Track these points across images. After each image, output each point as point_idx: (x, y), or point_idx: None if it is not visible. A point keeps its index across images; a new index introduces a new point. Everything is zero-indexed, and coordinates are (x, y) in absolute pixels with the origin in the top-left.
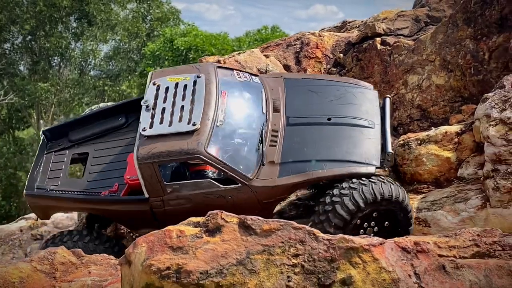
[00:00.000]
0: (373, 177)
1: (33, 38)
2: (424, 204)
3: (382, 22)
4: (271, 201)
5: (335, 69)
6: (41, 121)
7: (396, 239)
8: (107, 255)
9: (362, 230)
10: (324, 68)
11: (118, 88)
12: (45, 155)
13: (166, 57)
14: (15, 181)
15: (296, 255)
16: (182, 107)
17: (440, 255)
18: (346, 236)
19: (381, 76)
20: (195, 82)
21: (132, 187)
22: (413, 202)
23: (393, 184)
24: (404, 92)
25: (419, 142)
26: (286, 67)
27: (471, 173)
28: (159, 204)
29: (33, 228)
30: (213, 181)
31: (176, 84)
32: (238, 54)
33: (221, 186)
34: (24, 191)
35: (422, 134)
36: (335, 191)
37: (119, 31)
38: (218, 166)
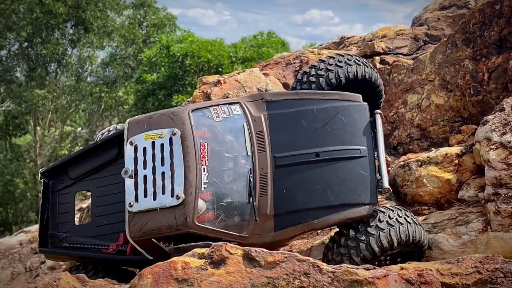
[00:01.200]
0: (405, 216)
1: (30, 45)
2: (425, 226)
3: (381, 41)
4: None
5: None
6: (38, 128)
7: (400, 270)
8: (110, 279)
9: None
10: None
11: (115, 94)
12: (50, 196)
13: (163, 63)
14: (12, 188)
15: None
16: (163, 174)
17: (443, 283)
18: (350, 268)
19: None
20: (171, 140)
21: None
22: None
23: (422, 226)
24: (403, 111)
25: (419, 163)
26: (286, 86)
27: (472, 195)
28: None
29: (32, 241)
30: (211, 243)
31: (153, 143)
32: (238, 73)
33: None
34: (38, 248)
35: (423, 156)
36: (342, 240)
37: (116, 38)
38: (211, 235)
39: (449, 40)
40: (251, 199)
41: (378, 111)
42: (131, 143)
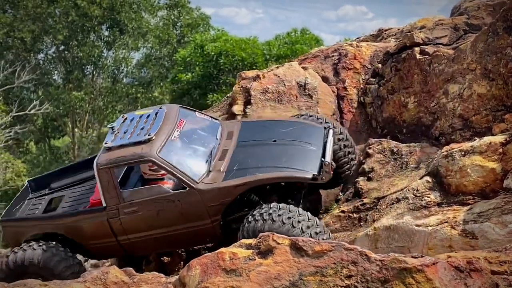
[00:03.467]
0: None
1: (66, 48)
2: (471, 216)
3: (420, 31)
4: (216, 205)
5: (373, 79)
6: (76, 129)
7: (448, 258)
8: (157, 273)
9: None
10: (363, 79)
11: (150, 95)
12: (26, 200)
13: (197, 63)
14: None
15: (349, 276)
16: (142, 128)
17: (492, 272)
18: (399, 257)
19: (421, 86)
20: (157, 113)
21: (94, 205)
22: (459, 213)
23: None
24: (445, 102)
25: (463, 153)
26: (325, 79)
27: None
28: (115, 213)
29: None
30: (163, 186)
31: (141, 115)
32: (277, 67)
33: (171, 191)
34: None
35: (466, 145)
36: (256, 211)
37: (150, 39)
38: (167, 168)
39: (490, 28)
40: (209, 159)
41: (331, 127)
42: (123, 117)
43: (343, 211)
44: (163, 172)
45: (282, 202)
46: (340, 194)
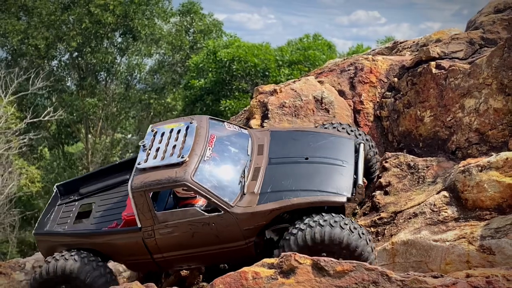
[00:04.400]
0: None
1: (80, 55)
2: (488, 231)
3: (436, 46)
4: (251, 228)
5: (389, 93)
6: (90, 136)
7: (467, 277)
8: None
9: None
10: (379, 93)
11: (163, 101)
12: (57, 206)
13: (210, 69)
14: None
15: None
16: (174, 146)
17: None
18: (419, 277)
19: (437, 100)
20: (187, 127)
21: (128, 222)
22: (476, 229)
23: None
24: (461, 116)
25: (480, 168)
26: (341, 93)
27: None
28: (150, 234)
29: None
30: (198, 209)
31: (171, 130)
32: (294, 82)
33: (206, 214)
34: (33, 231)
35: (483, 160)
36: (292, 228)
37: (163, 45)
38: (202, 192)
39: (506, 43)
40: (243, 180)
41: (362, 141)
42: (152, 130)
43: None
44: None
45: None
46: (357, 208)
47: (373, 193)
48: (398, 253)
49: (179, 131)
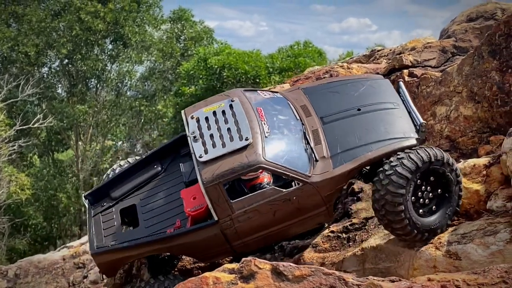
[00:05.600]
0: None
1: (70, 62)
2: (455, 237)
3: (409, 54)
4: (332, 192)
5: None
6: (80, 143)
7: (427, 281)
8: None
9: (420, 193)
10: None
11: (154, 108)
12: (93, 218)
13: (201, 76)
14: (56, 202)
15: None
16: (229, 129)
17: None
18: (375, 281)
19: None
20: (231, 106)
21: (195, 217)
22: (444, 234)
23: (439, 149)
24: (432, 123)
25: None
26: None
27: (500, 205)
28: (229, 224)
29: (75, 256)
30: (276, 188)
31: (214, 113)
32: (269, 89)
33: (284, 190)
34: (90, 251)
35: None
36: (392, 159)
37: (154, 52)
38: (279, 170)
39: (476, 52)
40: (308, 146)
41: (400, 80)
42: (192, 117)
43: (332, 231)
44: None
45: None
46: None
47: (346, 199)
48: (368, 258)
49: (223, 112)
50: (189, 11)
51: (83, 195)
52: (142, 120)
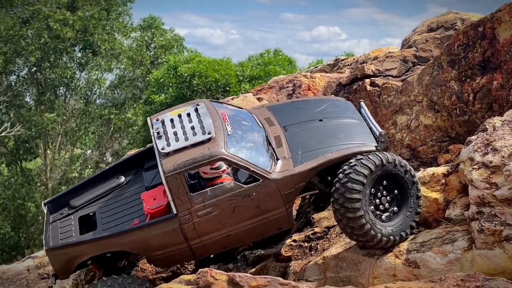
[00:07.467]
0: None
1: (39, 70)
2: (414, 245)
3: (371, 64)
4: (292, 191)
5: None
6: (48, 151)
7: None
8: None
9: (377, 200)
10: None
11: (123, 116)
12: (50, 225)
13: (170, 84)
14: (24, 212)
15: None
16: (192, 127)
17: None
18: None
19: (372, 117)
20: (196, 109)
21: (154, 215)
22: (403, 243)
23: (391, 153)
24: (393, 132)
25: None
26: None
27: (458, 214)
28: (187, 218)
29: (40, 267)
30: (237, 182)
31: (179, 115)
32: (232, 99)
33: (245, 186)
34: (44, 247)
35: None
36: (345, 167)
37: (124, 60)
38: (240, 163)
39: (435, 62)
40: (269, 147)
41: (361, 100)
42: (157, 120)
43: (294, 240)
44: (223, 169)
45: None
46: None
47: (308, 209)
48: (329, 267)
49: (189, 114)
50: (159, 19)
51: (43, 202)
52: (112, 129)
